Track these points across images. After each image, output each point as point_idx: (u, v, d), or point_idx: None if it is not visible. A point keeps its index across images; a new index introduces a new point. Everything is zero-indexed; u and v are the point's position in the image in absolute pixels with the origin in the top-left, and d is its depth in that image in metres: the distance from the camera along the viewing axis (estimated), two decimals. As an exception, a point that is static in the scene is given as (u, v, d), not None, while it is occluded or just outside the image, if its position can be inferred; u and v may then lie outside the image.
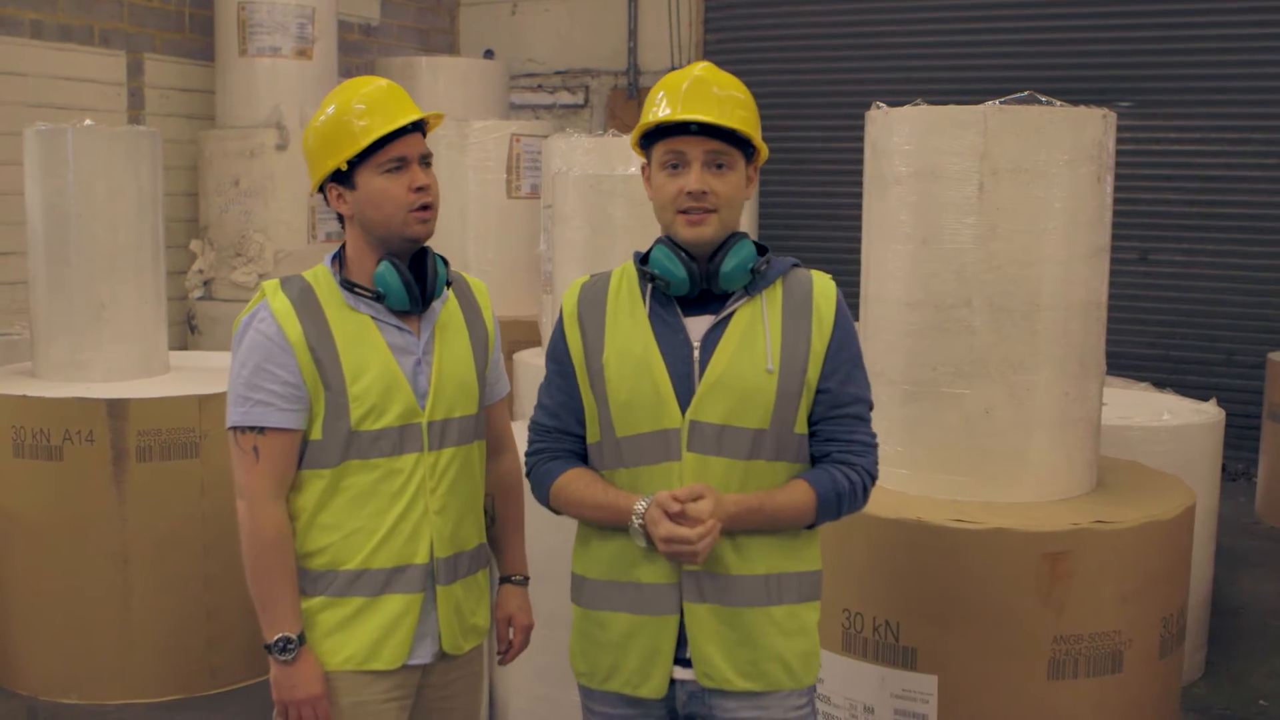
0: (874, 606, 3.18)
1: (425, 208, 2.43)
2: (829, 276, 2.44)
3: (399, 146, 2.40)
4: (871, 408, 2.43)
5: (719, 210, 2.31)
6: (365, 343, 2.42)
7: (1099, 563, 3.09)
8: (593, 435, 2.43)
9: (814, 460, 2.41)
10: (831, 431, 2.38)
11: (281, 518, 2.40)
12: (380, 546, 2.42)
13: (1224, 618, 5.18)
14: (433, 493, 2.46)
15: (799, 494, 2.34)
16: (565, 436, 2.46)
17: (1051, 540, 3.05)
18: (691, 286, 2.33)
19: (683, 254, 2.32)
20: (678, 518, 2.24)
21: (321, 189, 2.47)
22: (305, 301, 2.42)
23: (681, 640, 2.37)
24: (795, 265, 2.44)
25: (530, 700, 4.06)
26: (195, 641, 4.53)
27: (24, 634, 4.52)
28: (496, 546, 2.74)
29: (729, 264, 2.32)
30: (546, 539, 3.17)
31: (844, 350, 2.38)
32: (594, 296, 2.44)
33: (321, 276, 2.47)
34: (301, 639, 2.40)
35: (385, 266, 2.41)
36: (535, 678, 4.02)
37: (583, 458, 2.46)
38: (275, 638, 2.39)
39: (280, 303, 2.40)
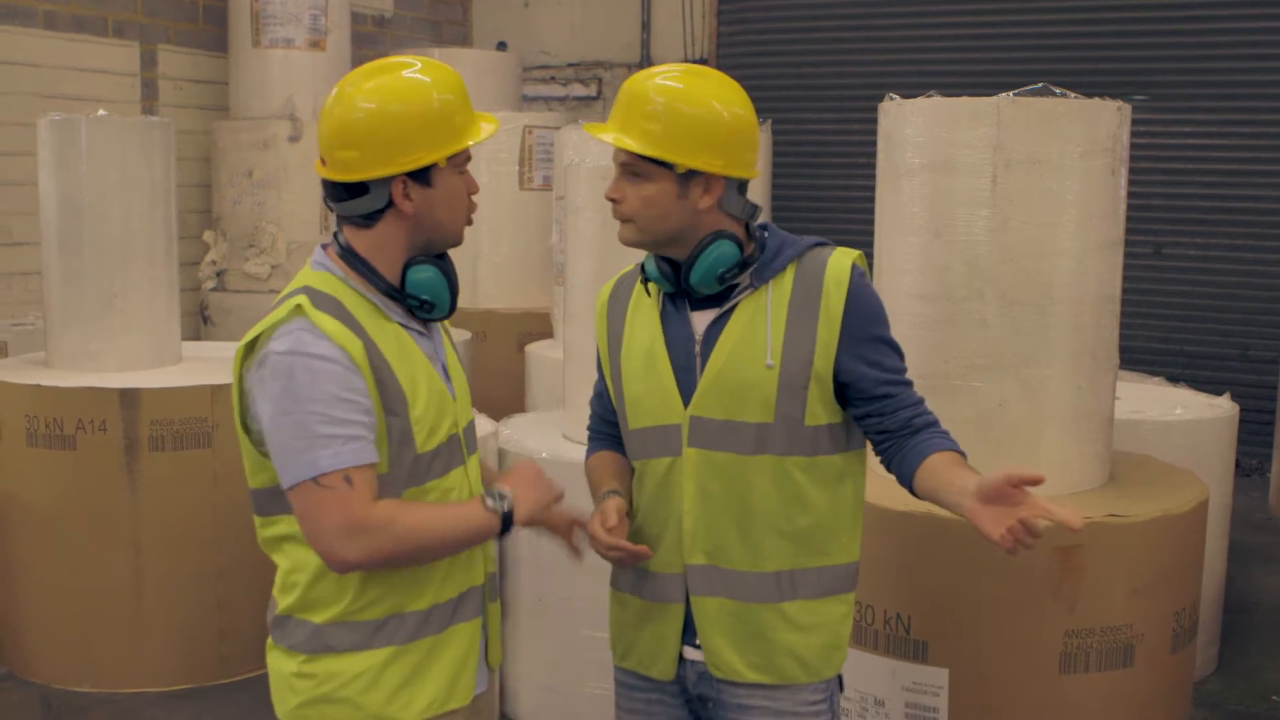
0: (885, 599, 3.17)
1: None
2: (850, 255, 2.35)
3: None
4: (904, 373, 2.38)
5: (634, 219, 2.30)
6: (409, 357, 2.16)
7: (1111, 557, 3.08)
8: (622, 426, 2.49)
9: (885, 442, 2.35)
10: (886, 410, 2.33)
11: (383, 501, 2.08)
12: (447, 576, 2.20)
13: (1237, 613, 5.16)
14: None
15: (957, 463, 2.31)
16: (602, 422, 2.59)
17: (1063, 534, 3.04)
18: (675, 285, 2.34)
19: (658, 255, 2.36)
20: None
21: (352, 182, 2.13)
22: (344, 317, 2.09)
23: (690, 624, 2.37)
24: (818, 244, 2.36)
25: (539, 692, 4.07)
26: (207, 631, 4.54)
27: (37, 623, 4.54)
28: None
29: (695, 275, 2.28)
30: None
31: (860, 332, 2.31)
32: (622, 292, 2.48)
33: (336, 285, 2.14)
34: (497, 488, 2.20)
35: (433, 273, 2.17)
36: (545, 669, 4.02)
37: (618, 441, 2.53)
38: (495, 509, 2.16)
39: (330, 323, 2.06)
